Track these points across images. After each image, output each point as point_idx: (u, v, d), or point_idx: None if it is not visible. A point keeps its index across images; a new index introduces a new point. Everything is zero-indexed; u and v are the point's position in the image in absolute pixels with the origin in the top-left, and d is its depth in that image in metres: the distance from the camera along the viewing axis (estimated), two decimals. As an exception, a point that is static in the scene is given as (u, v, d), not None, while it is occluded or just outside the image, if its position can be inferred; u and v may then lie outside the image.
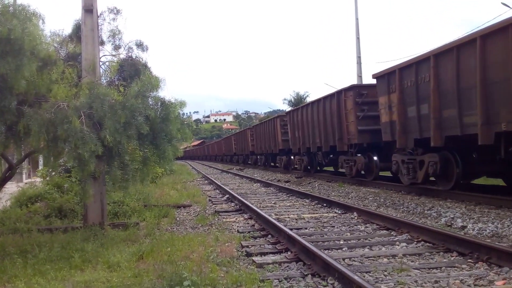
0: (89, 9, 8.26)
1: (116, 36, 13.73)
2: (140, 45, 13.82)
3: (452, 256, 5.38)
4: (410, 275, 4.65)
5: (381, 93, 12.10)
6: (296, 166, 21.27)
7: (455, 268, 4.89)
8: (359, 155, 14.00)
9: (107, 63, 12.23)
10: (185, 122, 10.24)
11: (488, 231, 6.61)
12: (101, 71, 9.88)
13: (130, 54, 13.87)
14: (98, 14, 9.76)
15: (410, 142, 10.73)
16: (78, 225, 7.76)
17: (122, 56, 13.48)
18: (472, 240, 5.46)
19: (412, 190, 10.96)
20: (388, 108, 11.62)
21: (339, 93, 14.88)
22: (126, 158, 7.61)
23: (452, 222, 7.44)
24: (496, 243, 5.69)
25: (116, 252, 6.00)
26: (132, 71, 12.43)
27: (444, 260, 5.24)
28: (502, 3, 19.00)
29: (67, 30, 12.60)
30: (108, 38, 13.93)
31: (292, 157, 22.11)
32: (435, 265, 5.01)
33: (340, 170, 16.60)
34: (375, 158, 13.36)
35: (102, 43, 13.45)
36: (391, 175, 13.61)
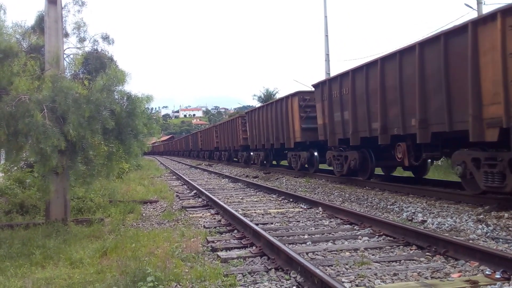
0: (53, 0, 8.05)
1: (81, 28, 13.42)
2: (106, 38, 13.55)
3: (412, 250, 5.56)
4: (370, 268, 4.78)
5: (317, 100, 14.70)
6: (254, 161, 23.87)
7: (414, 261, 5.05)
8: (304, 151, 16.43)
9: (71, 56, 11.94)
10: (153, 117, 10.14)
11: (446, 225, 6.84)
12: (65, 64, 9.64)
13: (95, 47, 13.57)
14: (63, 5, 9.53)
15: (336, 141, 13.36)
16: (40, 221, 7.59)
17: (87, 49, 13.19)
18: (430, 234, 5.65)
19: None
20: (322, 113, 14.21)
21: (287, 97, 17.31)
22: (90, 153, 7.50)
23: (413, 216, 7.67)
24: (454, 237, 5.89)
25: (79, 248, 5.92)
26: (98, 65, 12.18)
27: (404, 254, 5.40)
28: (465, 4, 19.59)
29: (30, 21, 12.25)
30: (73, 30, 13.60)
31: (251, 153, 24.61)
32: (394, 258, 5.16)
33: (289, 164, 18.96)
34: (315, 153, 15.86)
35: (66, 35, 13.13)
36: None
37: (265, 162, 21.71)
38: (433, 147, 9.41)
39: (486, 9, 17.55)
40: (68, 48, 12.58)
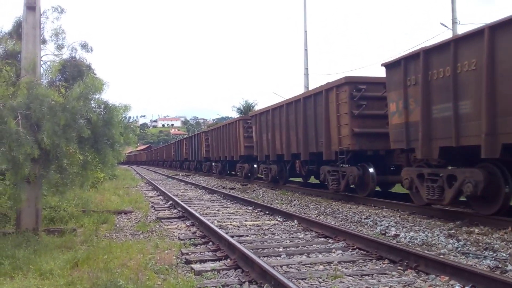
0: (31, 6, 7.96)
1: (59, 35, 13.32)
2: (84, 45, 13.50)
3: (384, 264, 5.63)
4: (343, 282, 4.82)
5: (253, 124, 19.92)
6: (213, 171, 25.38)
7: (386, 275, 5.12)
8: (245, 163, 21.60)
9: (48, 63, 11.80)
10: (131, 126, 10.05)
11: (419, 239, 6.96)
12: (41, 70, 9.52)
13: (73, 54, 13.50)
14: (41, 12, 9.43)
15: (263, 156, 18.29)
16: (10, 231, 7.40)
17: (65, 56, 13.09)
18: (402, 248, 5.73)
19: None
20: (255, 134, 19.57)
21: (235, 121, 23.42)
22: (64, 162, 7.39)
23: (387, 230, 7.77)
24: (425, 251, 5.99)
25: (50, 259, 5.78)
26: (75, 72, 12.10)
27: (376, 267, 5.47)
28: (440, 23, 20.17)
29: (7, 27, 12.09)
30: (51, 37, 13.48)
31: (212, 164, 26.89)
32: (367, 272, 5.22)
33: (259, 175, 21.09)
34: (254, 166, 20.83)
35: (44, 42, 13.00)
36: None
37: (222, 172, 26.03)
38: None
39: (461, 29, 18.10)
40: (46, 55, 12.43)
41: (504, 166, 7.55)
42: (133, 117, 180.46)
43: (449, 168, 8.54)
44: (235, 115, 45.49)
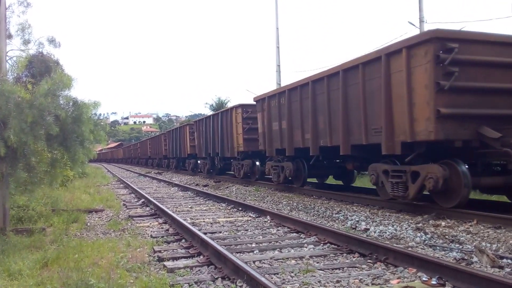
0: (-5, 0, 7.75)
1: (26, 30, 13.02)
2: (52, 41, 13.22)
3: (354, 257, 5.75)
4: (314, 276, 4.90)
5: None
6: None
7: (356, 268, 5.23)
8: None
9: (14, 58, 11.52)
10: (101, 123, 9.92)
11: (388, 233, 7.12)
12: (7, 66, 9.29)
13: (40, 50, 13.21)
14: (7, 6, 9.19)
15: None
16: (-24, 231, 7.21)
17: (31, 51, 12.81)
18: (372, 242, 5.86)
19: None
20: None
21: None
22: (32, 160, 7.26)
23: (357, 225, 7.93)
24: (394, 244, 6.14)
25: (18, 259, 5.68)
26: (42, 68, 11.83)
27: (347, 261, 5.58)
28: (408, 22, 20.57)
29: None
30: (17, 31, 13.17)
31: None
32: (338, 266, 5.32)
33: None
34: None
35: (9, 36, 12.67)
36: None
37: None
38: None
39: (427, 27, 18.49)
40: (11, 50, 12.14)
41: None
42: (104, 114, 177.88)
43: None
44: (208, 111, 45.30)
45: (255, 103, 15.84)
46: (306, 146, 11.87)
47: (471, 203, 8.98)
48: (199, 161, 24.91)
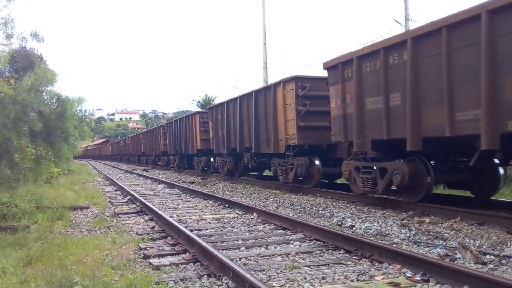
0: (-23, -6, 7.62)
1: (8, 24, 12.80)
2: (35, 35, 13.01)
3: (340, 254, 5.78)
4: (300, 272, 4.92)
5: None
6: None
7: (341, 265, 5.26)
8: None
9: (-3, 53, 11.32)
10: (86, 119, 9.83)
11: (373, 230, 7.18)
12: (-11, 61, 9.13)
13: (24, 44, 13.01)
14: (-12, 0, 9.02)
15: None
16: (-43, 229, 7.10)
17: (14, 46, 12.60)
18: (357, 238, 5.90)
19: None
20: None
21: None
22: (16, 156, 7.17)
23: (343, 221, 7.97)
24: (379, 241, 6.19)
25: (2, 257, 5.61)
26: (26, 63, 11.67)
27: (332, 257, 5.61)
28: (394, 20, 20.69)
29: (-49, 15, 11.45)
30: (-1, 26, 12.93)
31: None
32: (323, 262, 5.34)
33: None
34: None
35: (-8, 31, 12.46)
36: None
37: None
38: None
39: (412, 25, 18.61)
40: (-6, 44, 11.92)
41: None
42: (89, 110, 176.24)
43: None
44: (195, 108, 45.14)
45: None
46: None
47: (455, 200, 9.12)
48: (170, 158, 26.97)
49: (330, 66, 10.38)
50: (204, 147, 21.44)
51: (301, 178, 12.75)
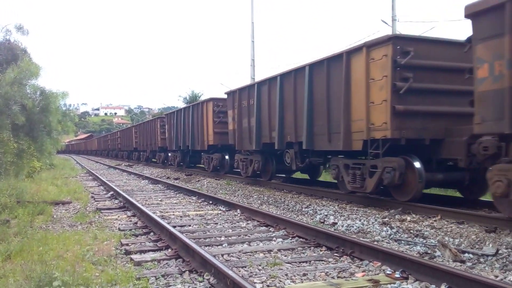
0: (-42, -16, 7.48)
1: (-8, 16, 12.59)
2: (20, 28, 12.79)
3: (321, 251, 5.83)
4: (282, 269, 4.95)
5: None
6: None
7: (323, 262, 5.30)
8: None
9: (-21, 45, 11.14)
10: (70, 114, 9.73)
11: (355, 227, 7.25)
12: (-29, 53, 8.98)
13: (7, 37, 12.80)
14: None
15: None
16: None
17: (-3, 38, 12.39)
18: (339, 236, 5.95)
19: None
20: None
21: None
22: (-4, 150, 7.06)
23: (326, 219, 8.03)
24: (361, 238, 6.26)
25: (-20, 252, 5.53)
26: (9, 56, 11.48)
27: (314, 254, 5.65)
28: (381, 20, 20.83)
29: None
30: (-18, 18, 12.73)
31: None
32: (305, 259, 5.38)
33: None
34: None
35: (-26, 22, 12.23)
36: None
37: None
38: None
39: (399, 26, 18.78)
40: (-24, 36, 11.72)
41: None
42: (73, 104, 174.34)
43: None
44: (181, 104, 44.92)
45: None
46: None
47: (435, 199, 9.24)
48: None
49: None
50: (163, 144, 22.69)
51: (218, 167, 13.78)
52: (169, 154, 24.36)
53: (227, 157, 15.92)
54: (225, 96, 16.09)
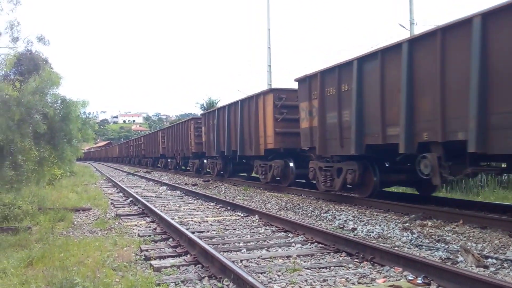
0: (-18, -3, 7.66)
1: (15, 27, 12.88)
2: (41, 39, 13.06)
3: (341, 256, 5.77)
4: (301, 275, 4.91)
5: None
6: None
7: (343, 267, 5.25)
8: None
9: (2, 56, 11.37)
10: (89, 122, 9.85)
11: (375, 233, 7.16)
12: (-6, 63, 9.19)
13: (29, 47, 13.07)
14: (-6, 2, 9.08)
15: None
16: (-40, 230, 7.13)
17: (20, 49, 12.66)
18: (359, 241, 5.89)
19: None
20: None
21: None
22: (19, 158, 7.20)
23: (345, 224, 7.96)
24: (381, 244, 6.18)
25: (3, 258, 5.63)
26: (31, 66, 11.74)
27: (334, 260, 5.60)
28: (399, 24, 20.66)
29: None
30: (6, 29, 13.02)
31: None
32: (325, 265, 5.34)
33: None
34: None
35: (-3, 33, 12.53)
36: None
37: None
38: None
39: (417, 30, 18.59)
40: (0, 47, 12.00)
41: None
42: (93, 112, 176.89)
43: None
44: (198, 111, 45.12)
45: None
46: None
47: (458, 204, 9.08)
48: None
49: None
50: (198, 150, 22.37)
51: (278, 178, 13.95)
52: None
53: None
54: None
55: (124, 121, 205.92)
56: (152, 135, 36.59)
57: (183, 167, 26.60)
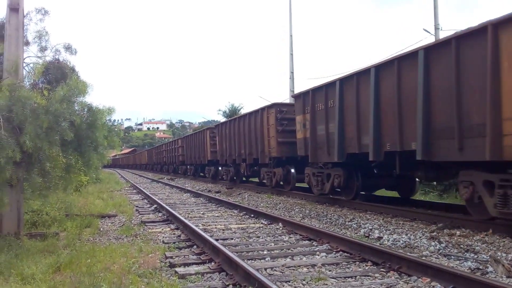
0: (14, 8, 7.87)
1: (43, 37, 13.22)
2: (68, 48, 13.38)
3: (367, 266, 5.68)
4: (326, 284, 4.85)
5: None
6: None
7: (369, 277, 5.16)
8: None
9: (31, 65, 11.68)
10: (115, 129, 9.99)
11: (401, 242, 7.03)
12: (24, 73, 9.42)
13: (57, 56, 13.40)
14: (25, 13, 9.34)
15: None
16: (-9, 235, 7.29)
17: (48, 58, 13.00)
18: (385, 250, 5.79)
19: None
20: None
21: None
22: (47, 165, 7.31)
23: (370, 233, 7.84)
24: (408, 253, 6.06)
25: (32, 263, 5.73)
26: (58, 75, 12.01)
27: (359, 269, 5.51)
28: (423, 29, 20.41)
29: (-11, 28, 11.92)
30: (34, 39, 13.39)
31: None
32: (350, 274, 5.26)
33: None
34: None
35: (27, 43, 12.87)
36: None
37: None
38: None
39: (443, 34, 18.31)
40: (28, 56, 12.32)
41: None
42: (118, 120, 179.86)
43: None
44: (220, 118, 45.33)
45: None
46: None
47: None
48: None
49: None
50: (213, 158, 23.61)
51: (281, 183, 15.49)
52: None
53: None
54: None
55: (148, 128, 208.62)
56: (172, 144, 38.25)
57: (201, 174, 28.43)
